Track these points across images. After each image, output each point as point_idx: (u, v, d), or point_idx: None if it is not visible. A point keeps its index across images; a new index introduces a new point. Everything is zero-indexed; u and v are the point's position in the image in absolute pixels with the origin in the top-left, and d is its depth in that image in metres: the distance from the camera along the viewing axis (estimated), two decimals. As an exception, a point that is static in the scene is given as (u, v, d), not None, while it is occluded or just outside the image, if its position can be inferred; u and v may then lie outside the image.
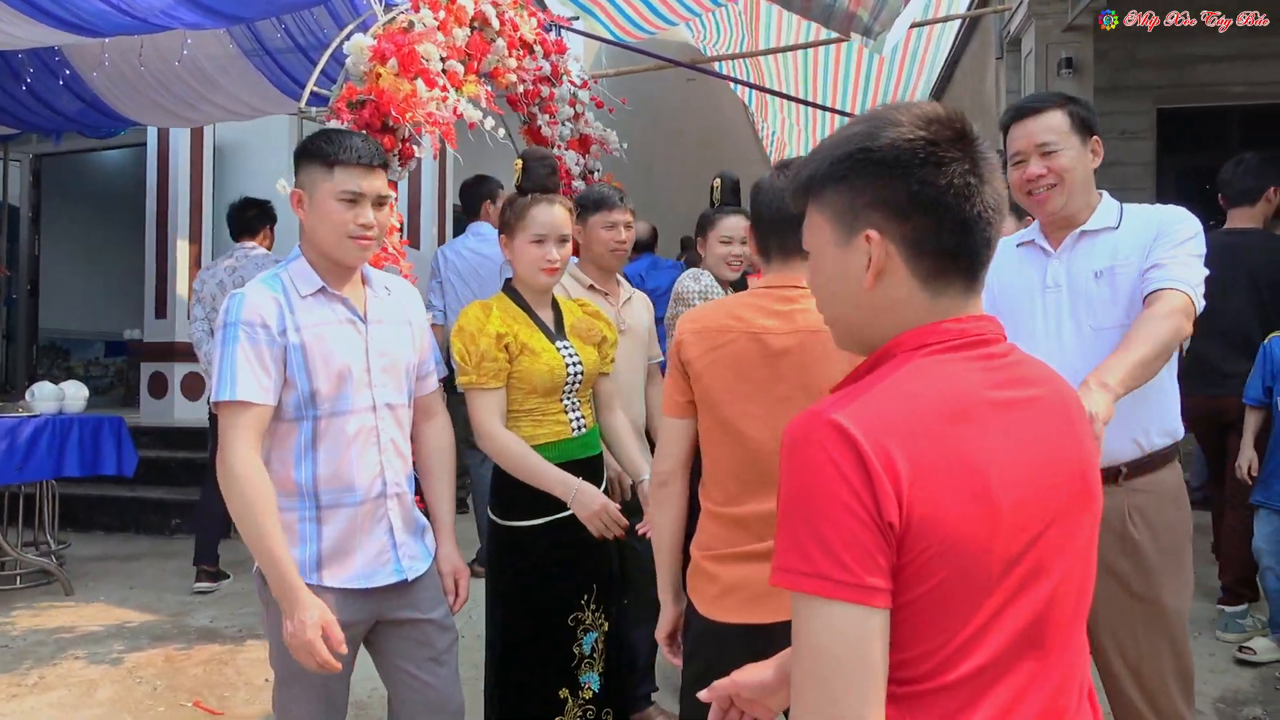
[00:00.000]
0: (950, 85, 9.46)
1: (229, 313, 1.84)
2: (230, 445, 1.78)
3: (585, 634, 2.36)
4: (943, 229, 0.98)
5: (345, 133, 1.94)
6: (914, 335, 0.99)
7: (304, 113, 3.94)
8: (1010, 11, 7.03)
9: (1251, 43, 6.69)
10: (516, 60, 4.56)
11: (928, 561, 0.89)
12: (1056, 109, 2.00)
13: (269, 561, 1.75)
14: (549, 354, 2.31)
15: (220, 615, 4.08)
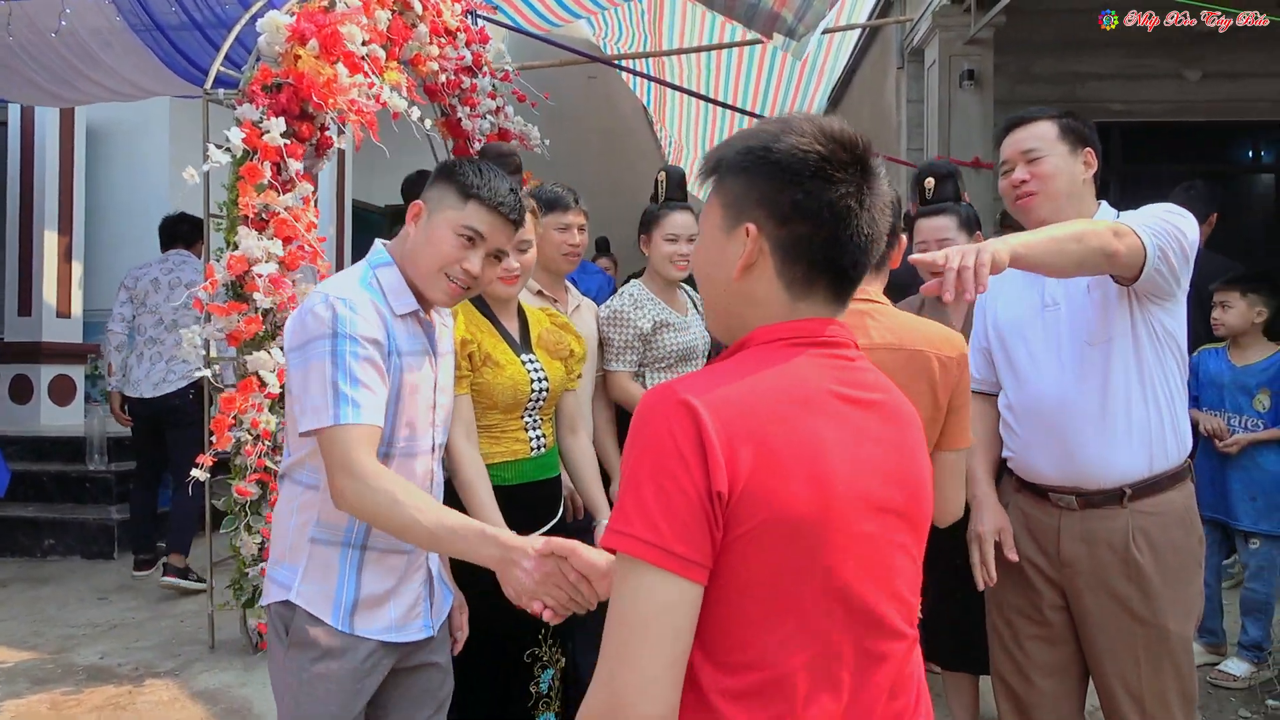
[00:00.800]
0: (848, 92, 9.65)
1: (340, 322, 1.58)
2: (360, 461, 1.53)
3: (543, 671, 2.21)
4: (814, 242, 1.02)
5: (496, 172, 1.75)
6: (769, 329, 1.04)
7: (209, 95, 3.60)
8: (912, 23, 7.20)
9: (1131, 63, 7.07)
10: (439, 48, 4.33)
11: (760, 534, 0.93)
12: (1047, 120, 2.00)
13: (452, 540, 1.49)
14: (513, 367, 2.15)
15: (112, 650, 3.68)
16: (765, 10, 5.07)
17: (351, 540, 1.67)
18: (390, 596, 1.71)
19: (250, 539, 3.38)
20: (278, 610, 1.69)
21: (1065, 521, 1.96)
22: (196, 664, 3.50)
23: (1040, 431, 1.96)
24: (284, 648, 1.68)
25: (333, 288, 1.63)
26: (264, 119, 3.38)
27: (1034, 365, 1.98)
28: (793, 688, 0.95)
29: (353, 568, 1.67)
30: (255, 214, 3.33)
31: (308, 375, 1.57)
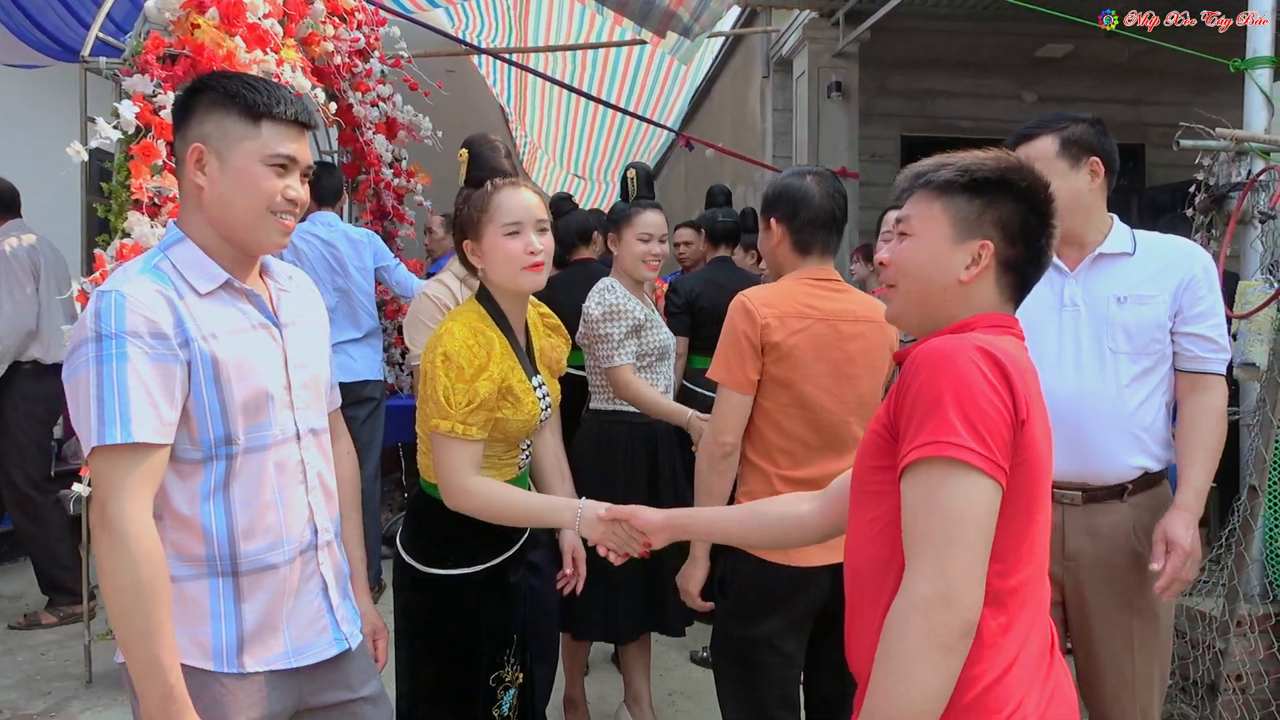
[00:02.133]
0: (710, 98, 9.86)
1: (103, 319, 1.33)
2: (122, 508, 1.30)
3: (505, 692, 2.09)
4: (1029, 260, 1.31)
5: (268, 80, 1.51)
6: (988, 318, 1.28)
7: (88, 63, 3.22)
8: (780, 34, 7.43)
9: (977, 83, 7.60)
10: (334, 28, 4.08)
11: (1022, 464, 1.15)
12: (1048, 135, 2.04)
13: (152, 671, 1.31)
14: (529, 399, 1.95)
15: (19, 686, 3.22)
16: (661, 8, 5.08)
17: (219, 569, 1.43)
18: (283, 618, 1.50)
19: (140, 558, 3.04)
20: (126, 670, 1.40)
21: (1069, 516, 2.02)
22: (73, 702, 3.12)
23: (1055, 428, 2.01)
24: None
25: (105, 282, 1.42)
26: (158, 93, 3.06)
27: (1050, 364, 2.02)
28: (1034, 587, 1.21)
29: (229, 600, 1.44)
30: (149, 199, 3.01)
31: (75, 389, 1.33)
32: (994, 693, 1.13)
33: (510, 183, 1.96)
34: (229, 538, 1.44)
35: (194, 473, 1.42)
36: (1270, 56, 3.08)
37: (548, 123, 9.85)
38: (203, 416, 1.41)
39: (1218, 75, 6.00)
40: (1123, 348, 2.00)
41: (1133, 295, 2.01)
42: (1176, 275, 2.02)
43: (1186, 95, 7.04)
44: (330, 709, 1.59)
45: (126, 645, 1.32)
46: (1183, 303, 2.01)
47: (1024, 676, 1.15)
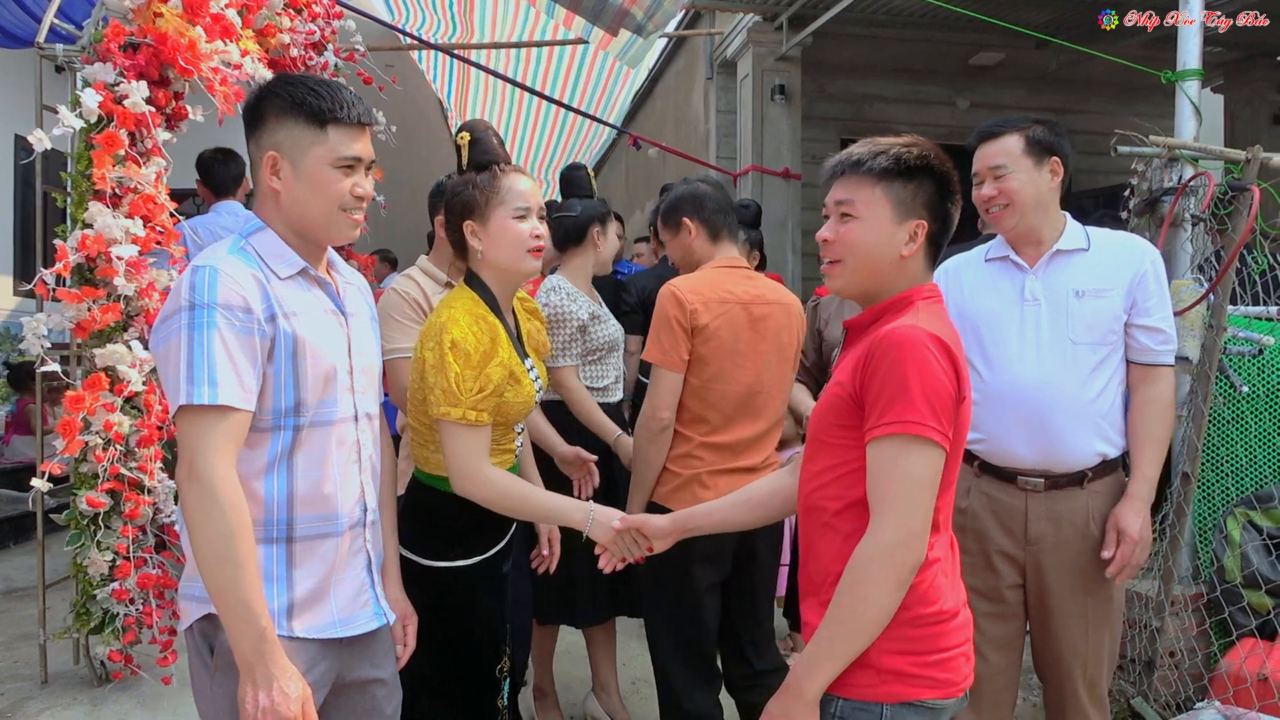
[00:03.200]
0: (652, 98, 9.94)
1: (197, 291, 1.43)
2: (209, 461, 1.40)
3: (504, 682, 2.13)
4: (943, 232, 1.55)
5: (330, 83, 1.58)
6: (920, 289, 1.53)
7: (44, 50, 3.14)
8: (724, 36, 7.55)
9: (913, 89, 7.83)
10: (290, 20, 4.02)
11: (956, 428, 1.45)
12: (1014, 133, 2.15)
13: (244, 614, 1.39)
14: (527, 382, 2.00)
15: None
16: (614, 7, 5.13)
17: (274, 534, 1.52)
18: (331, 587, 1.58)
19: (100, 556, 2.98)
20: (200, 629, 1.52)
21: (1032, 503, 2.14)
22: (29, 703, 3.04)
23: (1019, 417, 2.12)
24: (210, 673, 1.51)
25: (197, 259, 1.52)
26: (120, 81, 3.00)
27: (1013, 354, 2.14)
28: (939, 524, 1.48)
29: (281, 565, 1.53)
30: (112, 189, 2.95)
31: (167, 353, 1.44)
32: (930, 591, 1.46)
33: (516, 169, 2.02)
34: (287, 504, 1.52)
35: (261, 441, 1.51)
36: (1198, 69, 3.28)
37: (489, 117, 9.82)
38: (278, 388, 1.50)
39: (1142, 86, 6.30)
40: (1083, 339, 2.11)
41: (1090, 289, 2.13)
42: (1130, 269, 2.14)
43: (1112, 105, 7.40)
44: (354, 687, 1.65)
45: (219, 592, 1.39)
46: (1136, 296, 2.13)
47: (944, 575, 1.49)
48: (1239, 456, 3.13)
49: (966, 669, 1.51)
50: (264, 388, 1.50)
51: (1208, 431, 3.09)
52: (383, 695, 1.70)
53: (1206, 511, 3.20)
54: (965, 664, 1.50)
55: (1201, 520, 3.20)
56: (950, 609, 1.48)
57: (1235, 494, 3.15)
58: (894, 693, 1.44)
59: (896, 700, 1.44)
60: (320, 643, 1.56)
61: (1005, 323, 2.17)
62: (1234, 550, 3.00)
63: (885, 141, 1.54)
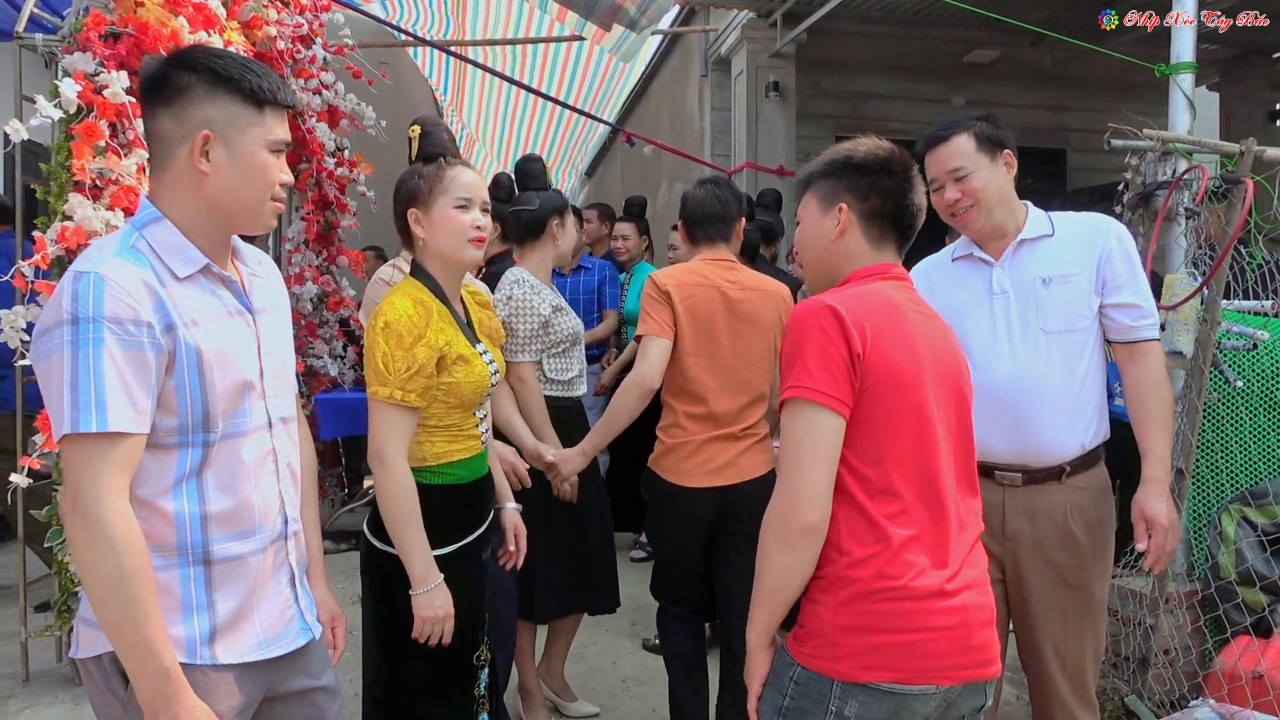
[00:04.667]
0: (647, 96, 9.90)
1: (80, 302, 1.28)
2: (98, 494, 1.27)
3: (482, 671, 2.12)
4: (888, 207, 1.57)
5: (257, 61, 1.48)
6: (863, 270, 1.59)
7: (23, 40, 3.10)
8: (719, 33, 7.53)
9: (908, 87, 7.80)
10: (277, 12, 4.00)
11: (876, 384, 1.44)
12: (962, 133, 2.11)
13: (146, 655, 1.29)
14: (477, 362, 2.02)
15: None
16: (607, 2, 5.10)
17: (189, 558, 1.40)
18: (254, 607, 1.47)
19: (81, 552, 2.94)
20: (111, 660, 1.36)
21: (1009, 498, 2.10)
22: (10, 701, 3.00)
23: (994, 412, 2.07)
24: (123, 704, 1.37)
25: (81, 262, 1.35)
26: (101, 71, 2.96)
27: (986, 349, 2.10)
28: (900, 494, 1.45)
29: (200, 589, 1.41)
30: (92, 180, 2.91)
31: (48, 372, 1.29)
32: (893, 564, 1.42)
33: (462, 162, 2.06)
34: (201, 525, 1.41)
35: (166, 459, 1.38)
36: (1192, 62, 3.25)
37: (485, 116, 9.78)
38: (182, 404, 1.37)
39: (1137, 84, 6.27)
40: (1054, 327, 2.07)
41: (1056, 275, 2.09)
42: (1095, 249, 2.10)
43: (1108, 102, 7.36)
44: (291, 697, 1.57)
45: (115, 632, 1.28)
46: (1105, 275, 2.08)
47: (919, 551, 1.43)
48: (1234, 452, 3.10)
49: (962, 659, 1.42)
50: (166, 403, 1.36)
51: (1202, 427, 3.06)
52: (324, 701, 1.62)
53: (1201, 508, 3.17)
54: (959, 652, 1.42)
55: (1196, 517, 3.17)
56: (925, 587, 1.40)
57: (1230, 490, 3.11)
58: (844, 671, 1.41)
59: (846, 679, 1.40)
60: (244, 665, 1.46)
61: (976, 318, 2.13)
62: (1229, 547, 2.97)
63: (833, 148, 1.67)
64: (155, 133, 1.43)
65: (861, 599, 1.41)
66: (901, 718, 1.41)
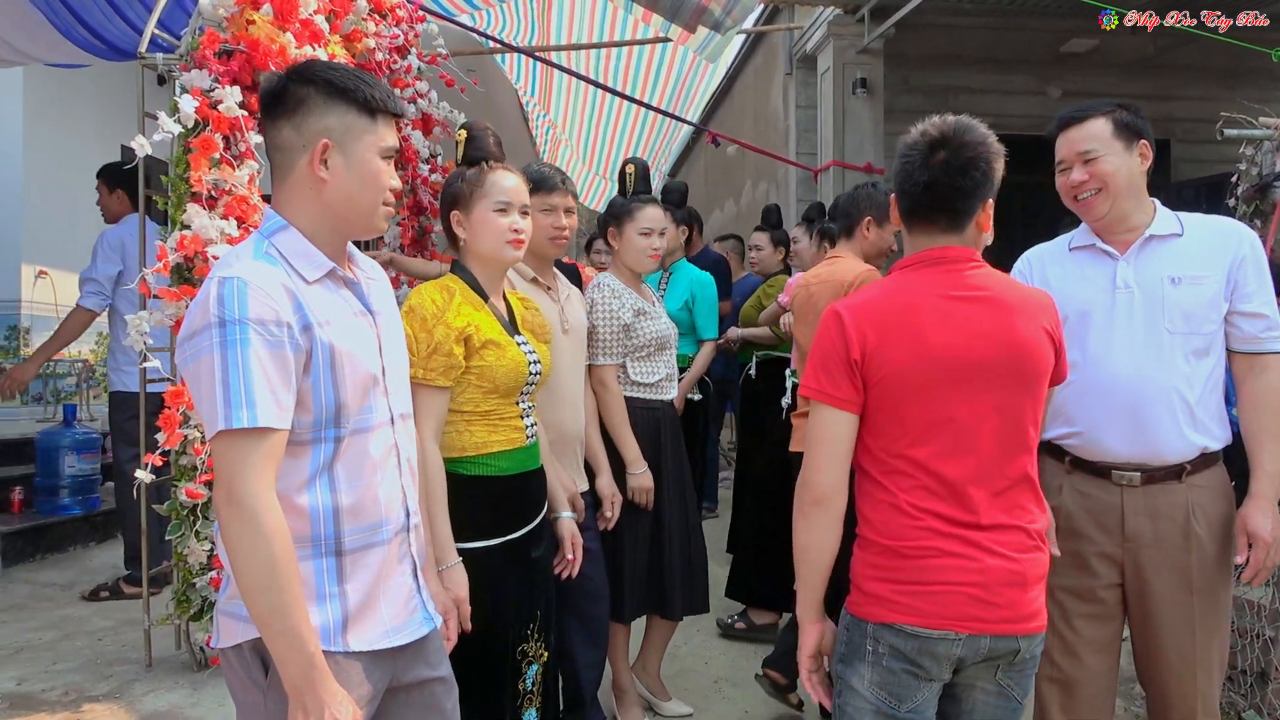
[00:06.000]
0: (730, 96, 9.89)
1: (226, 305, 1.34)
2: (250, 487, 1.33)
3: (529, 667, 2.15)
4: (909, 201, 1.68)
5: (366, 72, 1.54)
6: (899, 263, 1.72)
7: (145, 60, 3.27)
8: (804, 31, 7.46)
9: (1000, 79, 7.61)
10: (375, 24, 4.12)
11: (881, 381, 1.60)
12: (1100, 117, 2.05)
13: (291, 642, 1.34)
14: (512, 349, 2.07)
15: (29, 675, 3.28)
16: (692, 4, 5.11)
17: (323, 549, 1.45)
18: (380, 597, 1.52)
19: (199, 545, 3.09)
20: (254, 646, 1.43)
21: (1128, 498, 2.03)
22: (135, 685, 3.17)
23: (1114, 410, 2.02)
24: (263, 690, 1.44)
25: (221, 268, 1.40)
26: (215, 87, 3.11)
27: (1106, 345, 2.04)
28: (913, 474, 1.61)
29: (332, 580, 1.46)
30: (208, 191, 3.06)
31: (198, 373, 1.35)
32: (884, 525, 1.63)
33: (504, 166, 2.16)
34: (333, 517, 1.46)
35: (302, 455, 1.44)
36: (1312, 47, 3.10)
37: (571, 120, 9.90)
38: (317, 401, 1.43)
39: (1244, 70, 5.98)
40: (1179, 328, 2.00)
41: (1186, 276, 2.01)
42: (1228, 254, 2.02)
43: (1213, 90, 7.06)
44: (411, 688, 1.62)
45: (263, 620, 1.34)
46: (1237, 280, 2.01)
47: (936, 518, 1.59)
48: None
49: (982, 612, 1.57)
50: (303, 400, 1.42)
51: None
52: (442, 692, 1.67)
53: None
54: (978, 605, 1.57)
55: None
56: (914, 545, 1.60)
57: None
58: (875, 614, 1.62)
59: (877, 620, 1.61)
60: (372, 655, 1.51)
61: (1098, 313, 2.07)
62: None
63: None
64: (277, 143, 1.49)
65: (882, 554, 1.62)
66: (927, 658, 1.59)
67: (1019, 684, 1.66)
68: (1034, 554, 1.63)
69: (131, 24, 4.19)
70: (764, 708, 3.17)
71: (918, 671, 1.60)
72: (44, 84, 6.35)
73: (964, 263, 1.65)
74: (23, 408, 6.78)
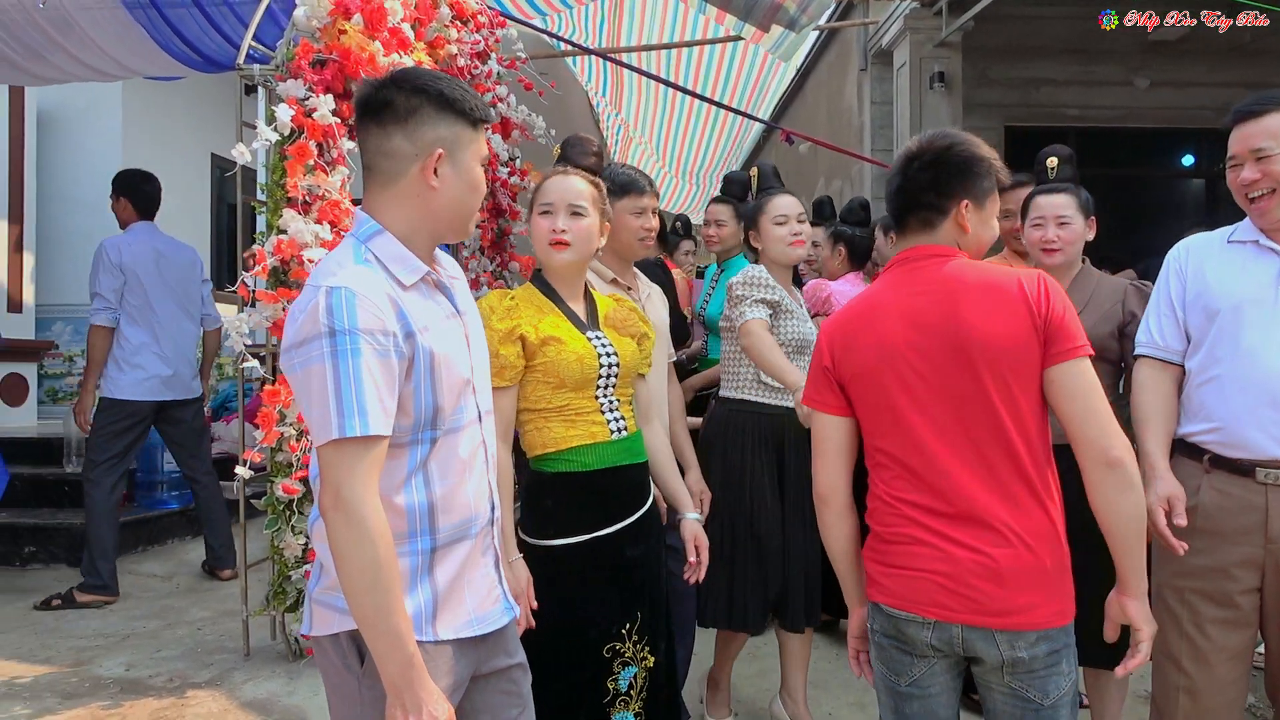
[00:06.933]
0: (802, 94, 9.82)
1: (336, 315, 1.37)
2: (358, 492, 1.36)
3: (623, 668, 2.13)
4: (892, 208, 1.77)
5: (467, 84, 1.59)
6: (886, 265, 1.82)
7: (243, 71, 3.40)
8: (879, 26, 7.36)
9: (1085, 70, 7.39)
10: (457, 31, 4.20)
11: (849, 382, 1.74)
12: (1276, 112, 1.96)
13: (393, 641, 1.38)
14: (577, 343, 2.08)
15: (137, 662, 3.44)
16: (766, 3, 5.08)
17: (417, 544, 1.50)
18: (466, 587, 1.57)
19: (294, 540, 3.20)
20: (352, 636, 1.48)
21: (1274, 497, 1.96)
22: (235, 673, 3.30)
23: (1262, 406, 1.95)
24: (358, 678, 1.49)
25: (326, 275, 1.42)
26: (310, 96, 3.21)
27: (1264, 342, 1.96)
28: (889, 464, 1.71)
29: (424, 571, 1.51)
30: (303, 196, 3.16)
31: (308, 380, 1.38)
32: (886, 515, 1.72)
33: (560, 171, 2.19)
34: (428, 514, 1.51)
35: (400, 456, 1.48)
36: None
37: (643, 119, 9.94)
38: (417, 405, 1.47)
39: (1353, 53, 5.68)
40: None
41: None
42: None
43: (1316, 76, 6.76)
44: (492, 675, 1.67)
45: (367, 620, 1.38)
46: None
47: (912, 507, 1.67)
48: None
49: (953, 601, 1.61)
50: (403, 405, 1.45)
51: None
52: (519, 677, 1.73)
53: None
54: (948, 594, 1.62)
55: None
56: (909, 534, 1.67)
57: None
58: (871, 595, 1.75)
59: (870, 600, 1.75)
60: (458, 643, 1.55)
61: (1256, 308, 1.99)
62: None
63: None
64: (386, 150, 1.51)
65: (872, 539, 1.76)
66: (905, 640, 1.67)
67: (1033, 685, 1.61)
68: (1016, 549, 1.58)
69: (226, 37, 4.35)
70: (847, 712, 3.15)
71: (905, 648, 1.68)
72: (140, 96, 6.63)
73: (931, 259, 1.70)
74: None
